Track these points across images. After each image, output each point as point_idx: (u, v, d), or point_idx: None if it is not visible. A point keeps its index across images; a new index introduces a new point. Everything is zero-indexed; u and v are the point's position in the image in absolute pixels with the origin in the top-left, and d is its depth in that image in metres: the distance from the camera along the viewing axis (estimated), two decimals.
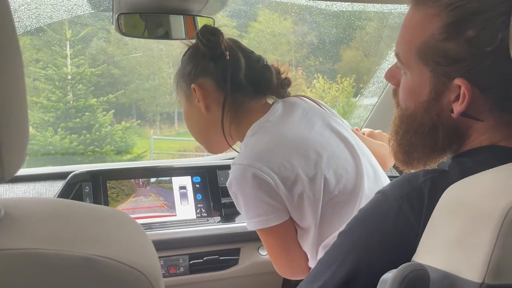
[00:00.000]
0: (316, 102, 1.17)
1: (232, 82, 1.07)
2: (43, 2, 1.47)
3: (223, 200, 1.52)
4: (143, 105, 9.40)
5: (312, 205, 1.01)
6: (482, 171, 0.61)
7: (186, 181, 1.55)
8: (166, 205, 1.50)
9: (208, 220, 1.49)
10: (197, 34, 1.09)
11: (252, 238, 1.35)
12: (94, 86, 7.92)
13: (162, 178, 1.53)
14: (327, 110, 1.17)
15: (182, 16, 1.24)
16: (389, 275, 0.58)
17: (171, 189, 1.53)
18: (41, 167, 1.65)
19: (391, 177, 1.32)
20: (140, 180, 1.51)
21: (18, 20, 1.50)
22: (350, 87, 7.89)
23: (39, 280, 0.41)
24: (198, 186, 1.55)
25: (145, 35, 1.26)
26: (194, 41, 1.12)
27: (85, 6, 1.52)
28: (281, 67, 1.16)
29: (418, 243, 0.63)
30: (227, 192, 1.06)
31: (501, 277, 0.52)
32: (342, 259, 0.68)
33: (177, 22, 1.25)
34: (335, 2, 1.51)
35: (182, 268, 1.41)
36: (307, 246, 1.05)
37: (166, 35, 1.26)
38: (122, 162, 2.40)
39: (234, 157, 1.07)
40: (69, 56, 7.78)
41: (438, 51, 0.67)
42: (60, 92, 7.57)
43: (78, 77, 7.67)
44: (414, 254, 0.63)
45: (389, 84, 1.14)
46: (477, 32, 0.64)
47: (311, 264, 1.07)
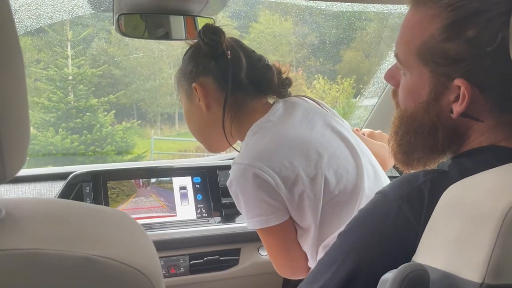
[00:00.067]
0: (317, 102, 1.17)
1: (233, 81, 1.07)
2: (44, 3, 1.47)
3: (224, 200, 1.52)
4: (144, 105, 9.41)
5: (312, 205, 1.00)
6: (482, 171, 0.61)
7: (187, 181, 1.55)
8: (166, 205, 1.50)
9: (208, 220, 1.49)
10: (198, 32, 1.09)
11: (252, 238, 1.35)
12: (95, 86, 7.94)
13: (162, 179, 1.53)
14: (328, 110, 1.17)
15: (182, 16, 1.24)
16: (389, 275, 0.58)
17: (172, 189, 1.53)
18: (41, 168, 1.65)
19: (391, 177, 1.32)
20: (140, 180, 1.52)
21: (18, 20, 1.51)
22: (350, 88, 7.89)
23: (40, 280, 0.41)
24: (198, 186, 1.55)
25: (145, 36, 1.26)
26: (196, 40, 1.12)
27: (85, 6, 1.52)
28: (282, 67, 1.16)
29: (418, 243, 0.63)
30: (228, 192, 1.06)
31: (501, 277, 0.52)
32: (342, 260, 0.68)
33: (177, 23, 1.25)
34: (335, 3, 1.51)
35: (182, 268, 1.41)
36: (307, 246, 1.05)
37: (167, 36, 1.26)
38: (123, 163, 2.40)
39: (234, 157, 1.07)
40: (70, 56, 7.79)
41: (438, 52, 0.67)
42: (61, 92, 7.58)
43: (79, 77, 7.69)
44: (414, 254, 0.63)
45: (389, 84, 1.14)
46: (477, 32, 0.64)
47: (311, 264, 1.07)
